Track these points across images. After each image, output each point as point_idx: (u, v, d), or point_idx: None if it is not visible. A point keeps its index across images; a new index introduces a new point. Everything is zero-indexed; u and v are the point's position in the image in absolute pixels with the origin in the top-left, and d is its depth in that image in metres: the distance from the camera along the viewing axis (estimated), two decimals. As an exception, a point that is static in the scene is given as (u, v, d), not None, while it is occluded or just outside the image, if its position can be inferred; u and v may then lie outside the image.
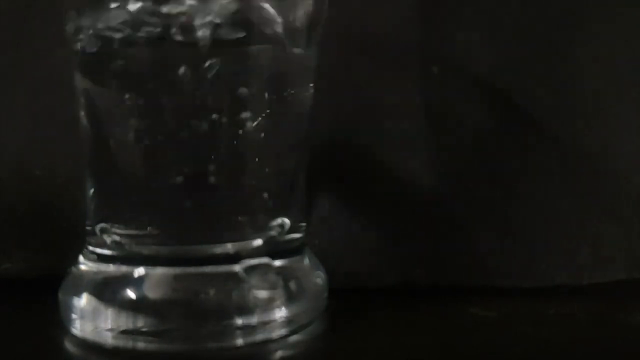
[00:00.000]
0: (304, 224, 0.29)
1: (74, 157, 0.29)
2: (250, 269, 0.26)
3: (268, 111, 0.26)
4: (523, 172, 0.33)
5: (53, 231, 0.33)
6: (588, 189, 0.33)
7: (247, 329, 0.25)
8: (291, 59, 0.27)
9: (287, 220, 0.27)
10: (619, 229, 0.34)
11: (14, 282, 0.32)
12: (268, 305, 0.26)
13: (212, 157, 0.26)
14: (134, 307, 0.25)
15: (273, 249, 0.27)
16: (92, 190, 0.27)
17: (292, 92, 0.27)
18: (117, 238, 0.26)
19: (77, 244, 0.28)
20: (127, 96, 0.25)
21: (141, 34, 0.25)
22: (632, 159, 0.34)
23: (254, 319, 0.25)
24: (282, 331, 0.26)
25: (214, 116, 0.25)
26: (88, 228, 0.27)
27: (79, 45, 0.26)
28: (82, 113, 0.27)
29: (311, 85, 0.28)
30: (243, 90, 0.26)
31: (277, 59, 0.26)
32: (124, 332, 0.25)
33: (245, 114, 0.26)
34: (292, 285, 0.27)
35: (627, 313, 0.30)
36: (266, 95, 0.26)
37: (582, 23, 0.34)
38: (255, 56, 0.26)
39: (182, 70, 0.25)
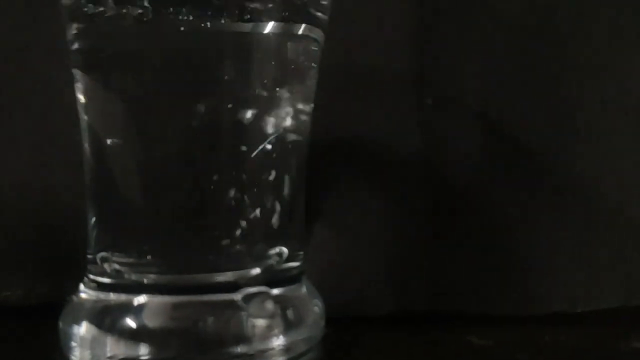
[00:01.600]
0: (301, 253, 0.29)
1: (75, 185, 0.29)
2: (248, 298, 0.26)
3: (267, 141, 0.27)
4: (518, 201, 0.33)
5: (53, 259, 0.33)
6: (583, 218, 0.34)
7: (246, 357, 0.25)
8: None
9: (285, 249, 0.28)
10: (614, 257, 0.34)
11: (13, 310, 0.32)
12: (266, 333, 0.26)
13: (212, 187, 0.26)
14: (134, 335, 0.25)
15: (271, 278, 0.27)
16: (93, 219, 0.27)
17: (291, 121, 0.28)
18: (117, 267, 0.26)
19: (77, 272, 0.28)
20: (127, 122, 0.26)
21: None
22: (626, 187, 0.34)
23: (252, 347, 0.25)
24: (280, 359, 0.26)
25: (214, 146, 0.26)
26: (89, 256, 0.27)
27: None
28: (85, 144, 0.27)
29: (309, 113, 0.29)
30: (243, 118, 0.26)
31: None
32: (123, 361, 0.25)
33: (245, 144, 0.26)
34: (290, 313, 0.27)
35: (622, 340, 0.30)
36: (266, 124, 0.27)
37: (575, 53, 0.34)
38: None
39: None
